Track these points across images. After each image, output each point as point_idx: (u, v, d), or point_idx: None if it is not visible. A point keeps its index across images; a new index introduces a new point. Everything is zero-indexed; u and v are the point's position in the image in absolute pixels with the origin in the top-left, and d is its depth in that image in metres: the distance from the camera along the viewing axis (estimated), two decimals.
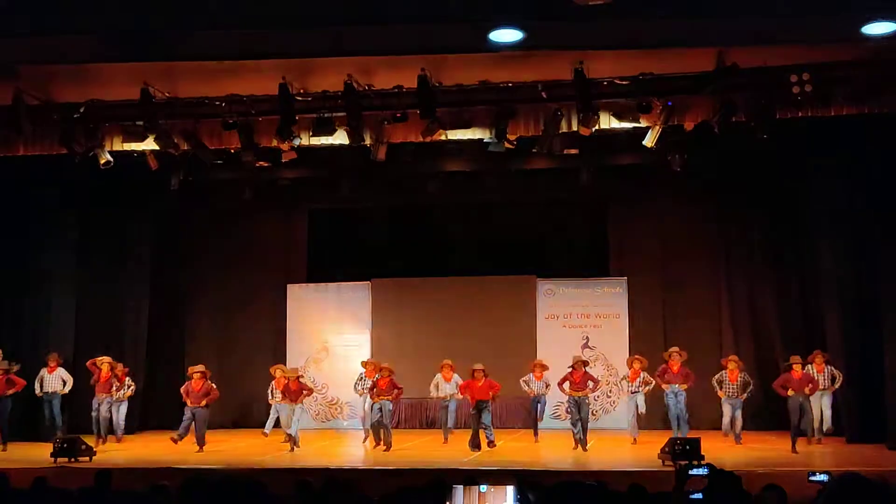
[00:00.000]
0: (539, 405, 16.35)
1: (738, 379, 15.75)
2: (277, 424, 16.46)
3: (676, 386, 15.60)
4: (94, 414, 16.07)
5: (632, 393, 16.19)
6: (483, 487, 5.32)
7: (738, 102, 13.08)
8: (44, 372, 16.66)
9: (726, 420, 15.83)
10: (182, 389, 15.71)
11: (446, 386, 16.27)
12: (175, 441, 15.23)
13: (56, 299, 17.92)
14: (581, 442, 14.88)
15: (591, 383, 15.27)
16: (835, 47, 11.87)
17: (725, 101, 13.05)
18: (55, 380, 16.65)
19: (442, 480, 5.89)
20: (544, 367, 16.39)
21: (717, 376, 15.89)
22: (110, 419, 16.40)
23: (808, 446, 14.69)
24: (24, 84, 13.39)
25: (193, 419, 15.43)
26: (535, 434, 16.30)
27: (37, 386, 16.57)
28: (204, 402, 15.50)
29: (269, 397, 16.76)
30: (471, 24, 8.38)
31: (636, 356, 16.55)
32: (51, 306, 17.89)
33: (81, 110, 14.16)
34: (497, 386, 15.31)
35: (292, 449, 15.42)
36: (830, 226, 16.15)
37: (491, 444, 15.05)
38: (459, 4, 8.00)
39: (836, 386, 15.47)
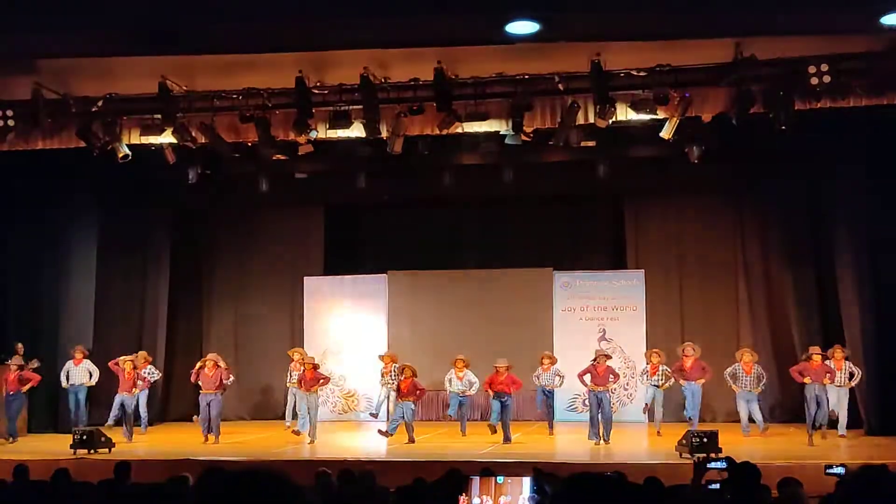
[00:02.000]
0: (546, 397, 16.32)
1: (753, 371, 15.69)
2: (295, 415, 16.54)
3: (693, 383, 15.53)
4: (114, 411, 16.07)
5: (653, 385, 16.14)
6: (500, 478, 5.34)
7: (756, 94, 13.00)
8: (70, 364, 16.76)
9: (744, 418, 15.72)
10: (193, 373, 15.84)
11: (458, 383, 16.25)
12: (206, 438, 15.41)
13: (76, 291, 18.02)
14: (601, 436, 14.84)
15: (611, 377, 15.26)
16: (853, 38, 11.81)
17: (743, 92, 12.98)
18: (81, 372, 16.73)
19: (458, 472, 5.91)
20: (552, 360, 16.38)
21: (729, 370, 15.81)
22: (136, 413, 16.43)
23: (823, 440, 14.56)
24: (42, 78, 13.48)
25: (209, 408, 15.52)
26: (550, 427, 16.26)
27: (63, 378, 16.66)
28: (215, 388, 15.57)
29: (287, 380, 16.82)
30: (487, 16, 8.38)
31: (654, 350, 16.49)
32: (70, 298, 17.99)
33: (99, 104, 14.23)
34: (519, 382, 15.37)
35: (312, 441, 15.46)
36: (849, 216, 16.09)
37: (507, 440, 15.06)
38: None
39: (854, 383, 15.29)
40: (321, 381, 16.05)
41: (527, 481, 5.23)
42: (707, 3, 8.32)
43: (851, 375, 15.25)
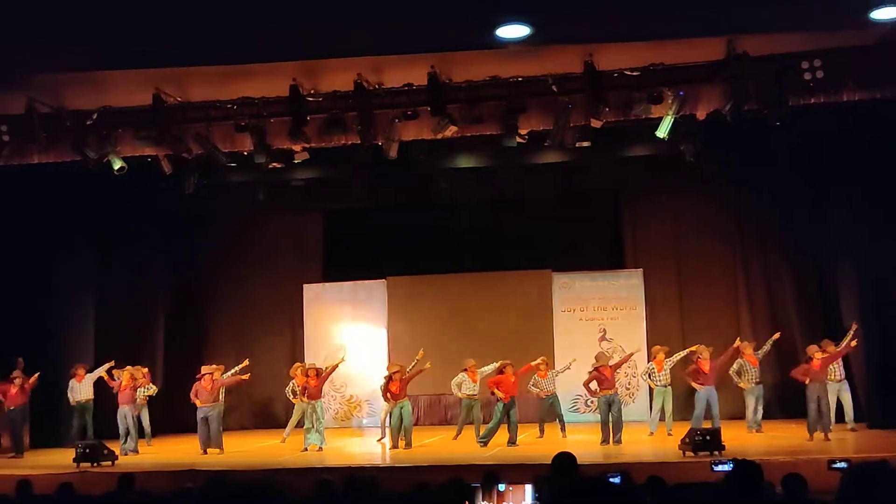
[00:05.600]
0: (552, 403, 16.19)
1: (758, 363, 15.64)
2: (298, 425, 16.47)
3: (711, 387, 15.20)
4: (121, 426, 15.96)
5: (662, 386, 15.93)
6: (501, 486, 5.35)
7: (749, 90, 13.01)
8: (73, 382, 16.70)
9: (750, 413, 15.67)
10: (192, 392, 15.75)
11: (474, 386, 16.11)
12: (204, 451, 15.34)
13: (75, 306, 18.03)
14: (618, 439, 14.81)
15: (619, 372, 15.28)
16: (845, 33, 11.82)
17: (737, 89, 12.99)
18: (85, 388, 16.70)
19: (461, 480, 5.90)
20: (548, 365, 16.29)
21: (734, 367, 15.75)
22: (140, 427, 16.33)
23: (826, 441, 14.31)
24: (36, 92, 13.49)
25: (207, 423, 15.44)
26: (563, 430, 16.16)
27: (70, 396, 16.62)
28: (213, 401, 15.48)
29: (291, 396, 16.69)
30: (478, 21, 8.38)
31: (659, 347, 16.31)
32: (70, 313, 17.99)
33: (94, 117, 14.23)
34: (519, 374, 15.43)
35: (320, 448, 15.40)
36: (847, 211, 16.09)
37: (513, 444, 15.07)
38: (466, 1, 8.00)
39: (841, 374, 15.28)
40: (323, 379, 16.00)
41: (529, 488, 5.23)
42: (698, 3, 8.33)
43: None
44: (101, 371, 16.66)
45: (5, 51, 9.62)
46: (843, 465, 7.24)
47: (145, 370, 16.89)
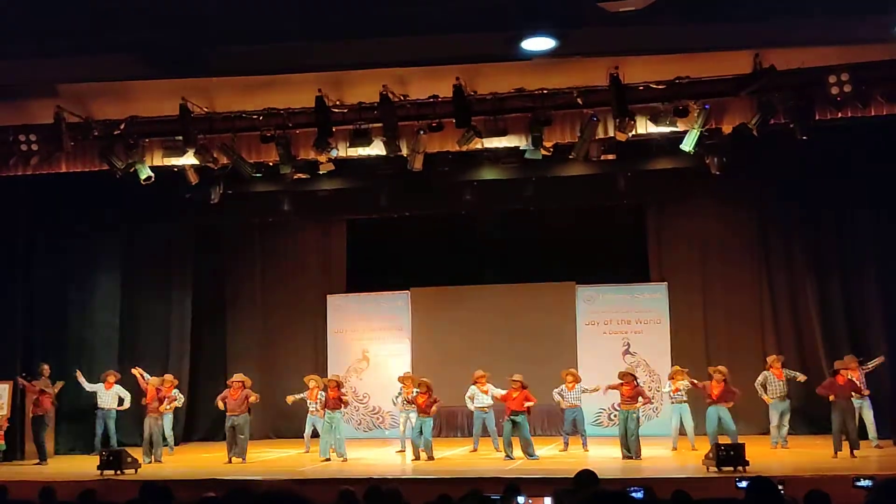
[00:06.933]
0: (575, 418, 16.03)
1: (785, 376, 15.50)
2: (314, 435, 16.50)
3: (720, 406, 14.97)
4: (145, 433, 15.96)
5: (675, 403, 15.79)
6: (521, 499, 5.33)
7: (776, 104, 12.96)
8: (101, 388, 16.85)
9: (774, 428, 15.52)
10: (219, 397, 15.74)
11: (485, 398, 16.05)
12: (229, 460, 15.35)
13: (101, 313, 18.15)
14: (632, 454, 14.68)
15: (641, 399, 15.04)
16: (873, 47, 11.76)
17: (763, 103, 12.95)
18: (111, 396, 16.82)
19: (480, 491, 5.89)
20: (576, 378, 16.15)
21: (759, 379, 15.62)
22: (162, 435, 16.28)
23: (853, 457, 14.06)
24: (64, 102, 13.62)
25: (234, 431, 15.45)
26: (584, 444, 16.03)
27: (97, 399, 16.81)
28: (240, 410, 15.49)
29: (310, 408, 16.64)
30: (504, 33, 8.38)
31: (676, 368, 16.09)
32: (95, 320, 18.11)
33: (122, 127, 14.35)
34: (532, 399, 15.17)
35: (335, 458, 15.41)
36: (873, 227, 15.97)
37: (531, 457, 14.90)
38: (492, 14, 8.00)
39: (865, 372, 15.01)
40: (343, 402, 16.01)
41: (548, 501, 5.21)
42: (725, 16, 8.29)
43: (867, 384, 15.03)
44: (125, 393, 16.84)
45: (34, 61, 9.72)
46: (867, 482, 7.16)
47: (175, 380, 16.86)
